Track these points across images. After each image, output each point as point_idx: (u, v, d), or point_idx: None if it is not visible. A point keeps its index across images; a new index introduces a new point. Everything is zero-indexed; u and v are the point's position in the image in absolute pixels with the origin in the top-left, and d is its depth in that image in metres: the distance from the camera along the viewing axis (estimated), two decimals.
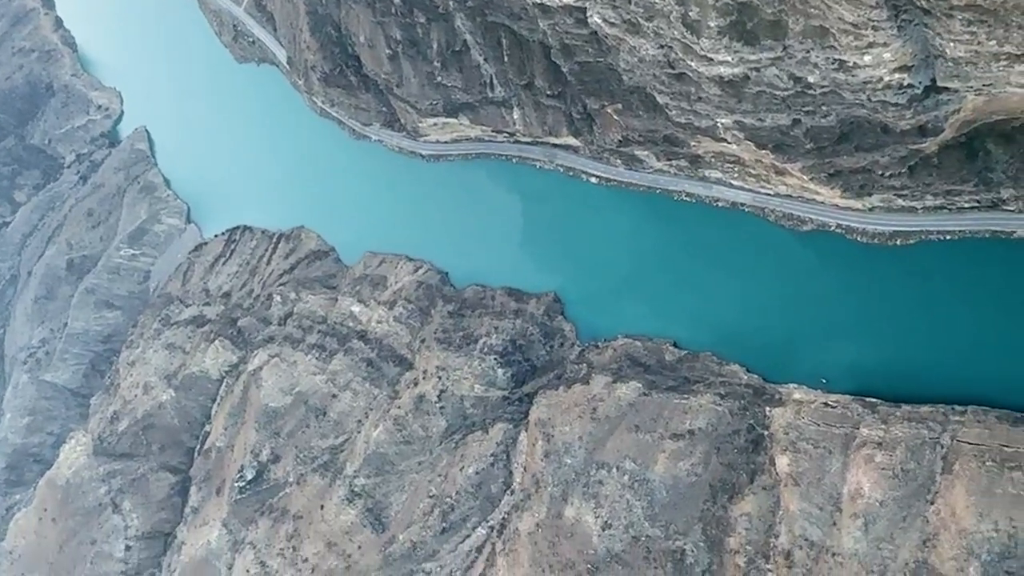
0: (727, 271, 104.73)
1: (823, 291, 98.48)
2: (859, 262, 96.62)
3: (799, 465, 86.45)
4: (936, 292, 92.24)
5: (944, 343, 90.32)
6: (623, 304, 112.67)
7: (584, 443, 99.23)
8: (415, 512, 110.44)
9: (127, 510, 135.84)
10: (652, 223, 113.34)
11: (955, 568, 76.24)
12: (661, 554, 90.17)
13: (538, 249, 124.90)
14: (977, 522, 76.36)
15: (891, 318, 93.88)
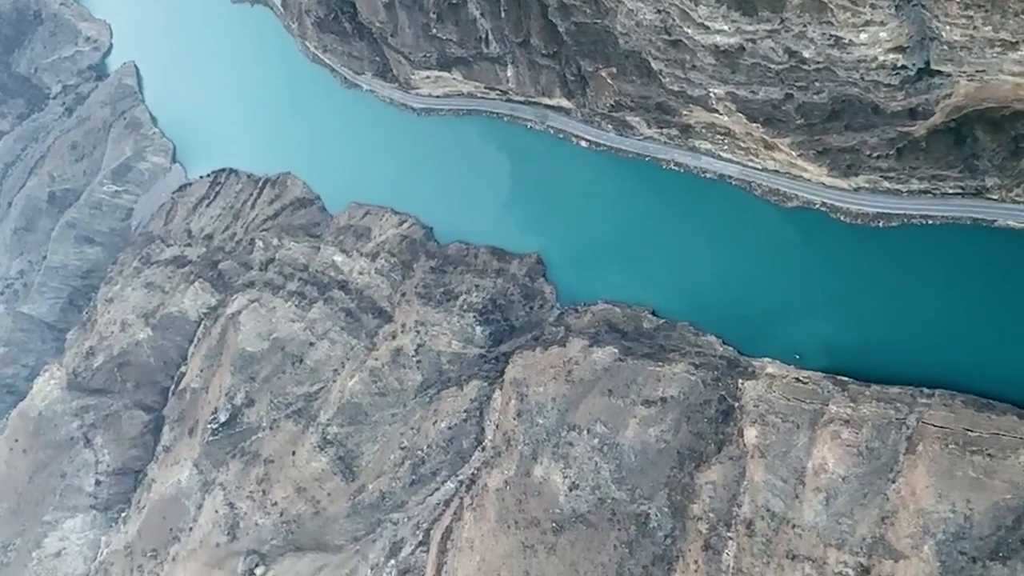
0: (710, 243, 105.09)
1: (804, 268, 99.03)
2: (841, 241, 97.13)
3: (767, 438, 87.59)
4: (914, 276, 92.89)
5: (918, 327, 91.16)
6: (605, 269, 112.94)
7: (557, 404, 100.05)
8: (386, 463, 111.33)
9: (99, 445, 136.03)
10: (639, 191, 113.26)
11: (911, 545, 77.81)
12: (626, 517, 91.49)
13: (524, 210, 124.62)
14: (935, 502, 77.86)
15: (868, 299, 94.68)
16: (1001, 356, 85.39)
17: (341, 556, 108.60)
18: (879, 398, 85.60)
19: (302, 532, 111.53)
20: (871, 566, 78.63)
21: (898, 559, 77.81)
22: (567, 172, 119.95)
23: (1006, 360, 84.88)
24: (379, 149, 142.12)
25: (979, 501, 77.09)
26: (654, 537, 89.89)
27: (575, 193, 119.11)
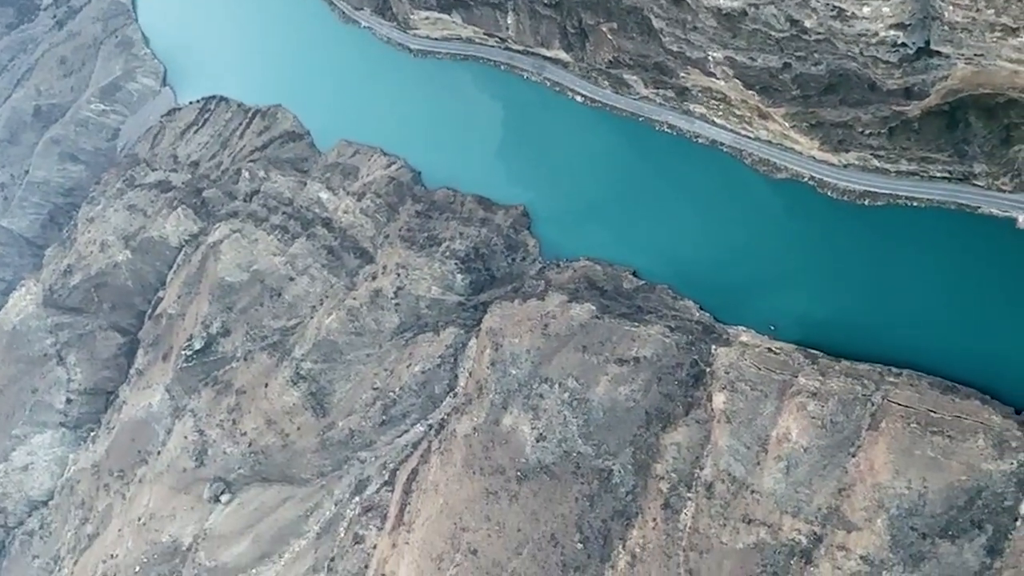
0: (696, 208, 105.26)
1: (786, 240, 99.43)
2: (826, 216, 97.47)
3: (734, 404, 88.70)
4: (894, 256, 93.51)
5: (893, 307, 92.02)
6: (589, 227, 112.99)
7: (531, 356, 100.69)
8: (357, 402, 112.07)
9: (71, 364, 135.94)
10: (630, 150, 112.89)
11: (864, 518, 79.52)
12: (589, 471, 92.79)
13: (514, 161, 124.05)
14: (892, 478, 79.44)
15: (847, 276, 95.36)
16: (971, 342, 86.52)
17: (307, 490, 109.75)
18: (848, 373, 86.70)
19: (269, 463, 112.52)
20: (824, 535, 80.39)
21: (851, 530, 79.54)
22: (560, 126, 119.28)
23: (975, 346, 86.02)
24: (373, 88, 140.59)
25: (935, 480, 78.72)
26: (616, 493, 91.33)
27: (566, 148, 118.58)
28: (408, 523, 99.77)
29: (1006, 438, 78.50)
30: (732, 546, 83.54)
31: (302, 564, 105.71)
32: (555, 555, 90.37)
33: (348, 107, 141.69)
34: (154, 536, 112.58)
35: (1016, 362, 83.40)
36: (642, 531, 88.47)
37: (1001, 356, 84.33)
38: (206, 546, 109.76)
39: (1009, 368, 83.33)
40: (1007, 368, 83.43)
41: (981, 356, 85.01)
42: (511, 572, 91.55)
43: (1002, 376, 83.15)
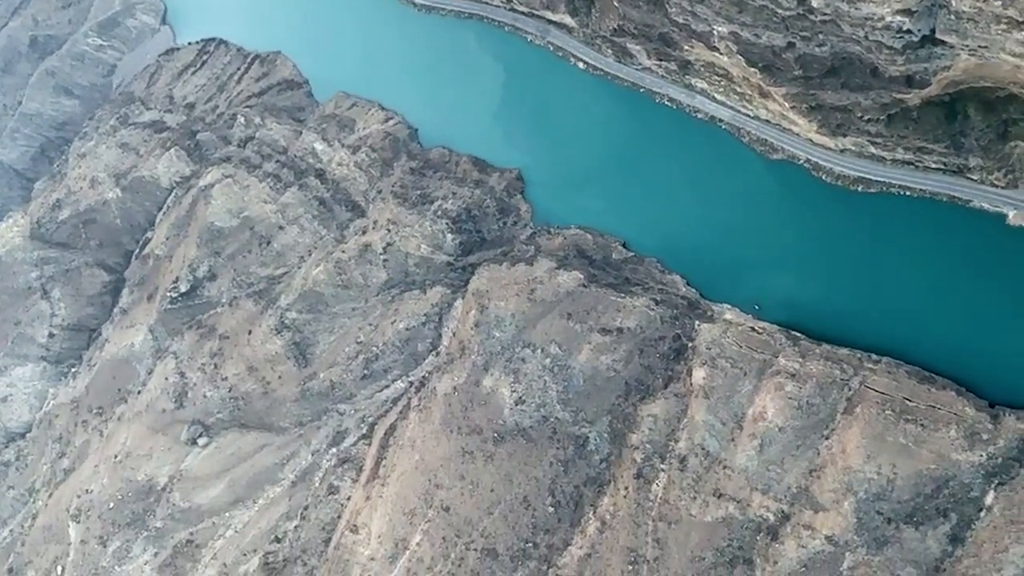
0: (690, 183, 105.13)
1: (777, 221, 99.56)
2: (818, 200, 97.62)
3: (713, 380, 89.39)
4: (883, 244, 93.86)
5: (878, 294, 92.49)
6: (583, 195, 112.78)
7: (516, 320, 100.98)
8: (340, 354, 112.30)
9: (56, 298, 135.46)
10: (629, 121, 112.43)
11: (832, 500, 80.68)
12: (566, 437, 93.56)
13: (511, 124, 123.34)
14: (863, 463, 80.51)
15: (835, 261, 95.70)
16: (951, 334, 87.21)
17: (284, 438, 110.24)
18: (828, 357, 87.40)
19: (249, 410, 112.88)
20: (791, 513, 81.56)
21: (818, 511, 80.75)
22: (560, 92, 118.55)
23: (955, 339, 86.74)
24: (374, 41, 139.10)
25: (904, 467, 79.83)
26: (590, 460, 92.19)
27: (565, 114, 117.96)
28: (383, 477, 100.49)
29: (978, 430, 79.60)
30: (701, 519, 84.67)
31: (275, 511, 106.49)
32: (526, 517, 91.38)
33: (348, 59, 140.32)
34: (130, 474, 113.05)
35: (994, 356, 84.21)
36: (613, 499, 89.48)
37: (980, 350, 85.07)
38: (181, 487, 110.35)
39: (987, 362, 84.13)
40: (985, 362, 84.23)
41: (960, 349, 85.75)
42: (482, 531, 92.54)
43: (979, 369, 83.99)
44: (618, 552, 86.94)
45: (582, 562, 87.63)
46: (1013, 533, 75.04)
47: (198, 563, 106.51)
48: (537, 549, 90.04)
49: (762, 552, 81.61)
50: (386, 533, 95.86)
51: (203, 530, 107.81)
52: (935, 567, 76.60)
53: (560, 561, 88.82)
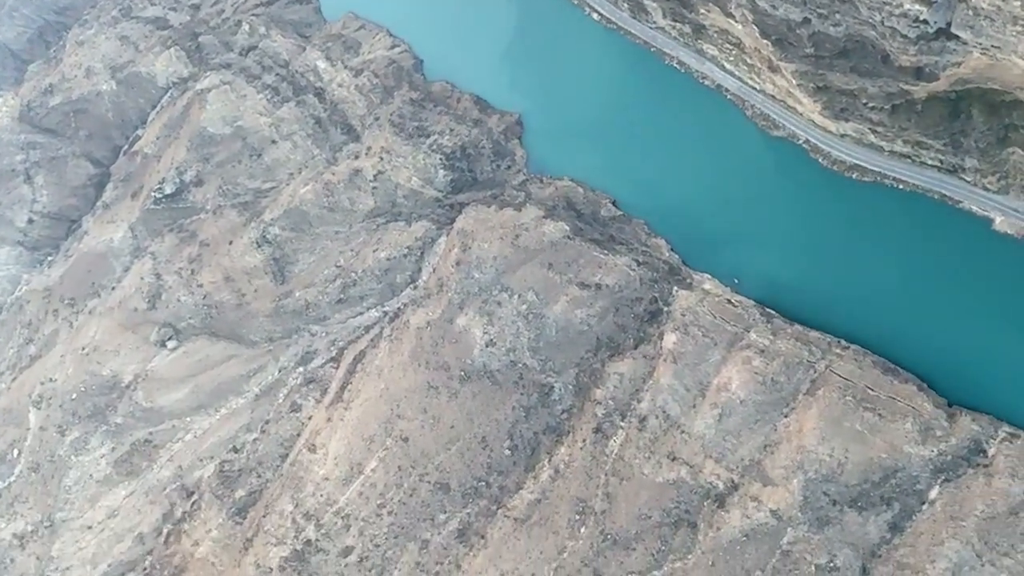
0: (688, 149, 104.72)
1: (768, 198, 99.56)
2: (812, 183, 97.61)
3: (684, 346, 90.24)
4: (868, 235, 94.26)
5: (857, 283, 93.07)
6: (580, 148, 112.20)
7: (497, 263, 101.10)
8: (318, 276, 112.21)
9: (39, 184, 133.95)
10: (635, 78, 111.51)
11: (782, 476, 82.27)
12: (531, 384, 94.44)
13: (518, 67, 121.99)
14: (817, 444, 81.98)
15: (819, 244, 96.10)
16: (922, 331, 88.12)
17: (253, 351, 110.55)
18: (798, 338, 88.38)
19: (221, 319, 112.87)
20: (741, 484, 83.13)
21: (767, 484, 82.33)
22: (571, 41, 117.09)
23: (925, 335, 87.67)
24: None
25: (856, 453, 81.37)
26: (552, 409, 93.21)
27: (573, 64, 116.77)
28: (347, 401, 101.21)
29: (933, 426, 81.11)
30: (652, 478, 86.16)
31: (236, 421, 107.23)
32: (482, 456, 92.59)
33: None
34: (95, 368, 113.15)
35: (959, 358, 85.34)
36: (570, 449, 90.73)
37: (947, 349, 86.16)
38: (145, 387, 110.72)
39: (952, 362, 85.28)
40: (950, 362, 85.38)
41: (928, 346, 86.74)
42: (437, 465, 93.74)
43: (943, 368, 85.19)
44: (568, 501, 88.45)
45: (531, 506, 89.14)
46: (951, 528, 76.97)
47: (154, 463, 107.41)
48: (489, 488, 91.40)
49: (707, 518, 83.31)
50: (343, 455, 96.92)
51: (162, 431, 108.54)
52: (872, 552, 78.58)
53: (510, 503, 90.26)
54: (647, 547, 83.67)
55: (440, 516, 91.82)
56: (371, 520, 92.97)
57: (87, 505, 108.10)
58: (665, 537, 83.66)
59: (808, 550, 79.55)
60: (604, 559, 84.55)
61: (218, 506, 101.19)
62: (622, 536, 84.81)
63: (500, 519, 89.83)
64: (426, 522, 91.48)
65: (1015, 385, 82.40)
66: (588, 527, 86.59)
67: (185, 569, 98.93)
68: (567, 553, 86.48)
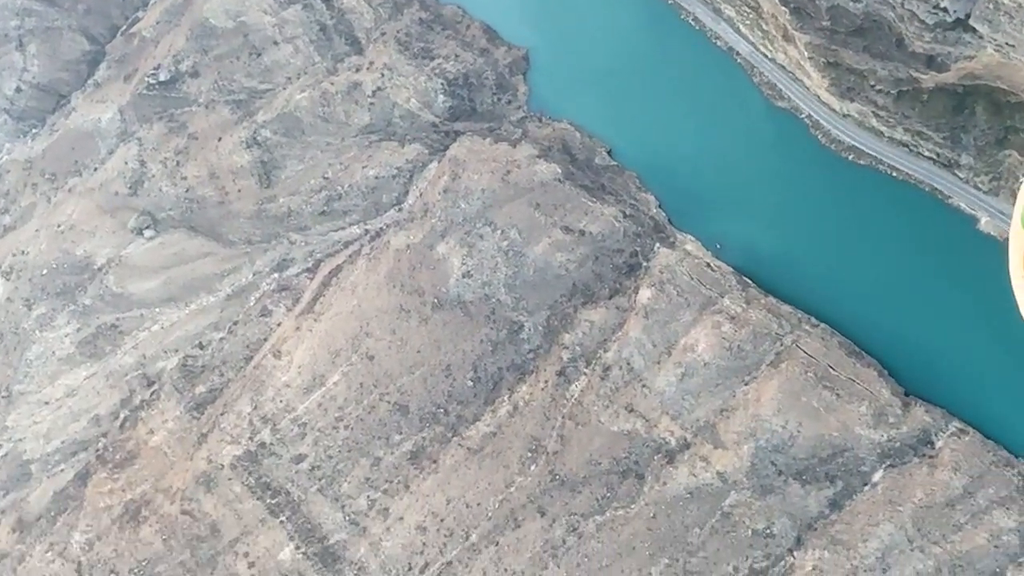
0: (690, 108, 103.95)
1: (762, 168, 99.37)
2: (808, 159, 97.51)
3: (657, 303, 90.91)
4: (854, 217, 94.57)
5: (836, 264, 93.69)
6: (583, 93, 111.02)
7: (484, 196, 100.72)
8: (304, 184, 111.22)
9: (31, 54, 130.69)
10: (648, 30, 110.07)
11: (733, 440, 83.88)
12: (502, 320, 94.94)
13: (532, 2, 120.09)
14: (772, 414, 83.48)
15: (806, 221, 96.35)
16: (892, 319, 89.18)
17: (230, 251, 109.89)
18: (770, 310, 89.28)
19: (201, 215, 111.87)
20: (692, 443, 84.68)
21: (718, 447, 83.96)
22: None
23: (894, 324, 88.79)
24: None
25: (809, 428, 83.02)
26: (519, 347, 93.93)
27: (588, 7, 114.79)
28: (317, 313, 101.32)
29: (887, 413, 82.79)
30: (608, 427, 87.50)
31: (205, 318, 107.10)
32: (444, 384, 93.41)
33: None
34: (69, 246, 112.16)
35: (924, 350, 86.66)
36: (532, 389, 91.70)
37: (913, 341, 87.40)
38: (117, 272, 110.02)
39: (915, 353, 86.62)
40: (914, 353, 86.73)
41: (896, 335, 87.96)
42: (399, 387, 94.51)
43: (906, 359, 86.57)
44: (522, 438, 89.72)
45: (486, 438, 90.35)
46: (888, 512, 79.14)
47: (118, 348, 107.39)
48: (447, 416, 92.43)
49: (655, 471, 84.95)
50: (307, 365, 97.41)
51: (130, 318, 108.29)
52: (808, 524, 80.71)
53: (466, 432, 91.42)
54: (593, 492, 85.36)
55: (395, 436, 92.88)
56: (327, 431, 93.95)
57: (46, 381, 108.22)
58: (612, 484, 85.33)
59: (748, 515, 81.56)
60: (550, 498, 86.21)
61: (177, 398, 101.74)
62: (570, 478, 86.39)
63: (454, 447, 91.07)
64: (381, 440, 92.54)
65: (972, 383, 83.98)
66: (538, 465, 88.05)
67: (137, 455, 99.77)
68: (515, 488, 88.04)
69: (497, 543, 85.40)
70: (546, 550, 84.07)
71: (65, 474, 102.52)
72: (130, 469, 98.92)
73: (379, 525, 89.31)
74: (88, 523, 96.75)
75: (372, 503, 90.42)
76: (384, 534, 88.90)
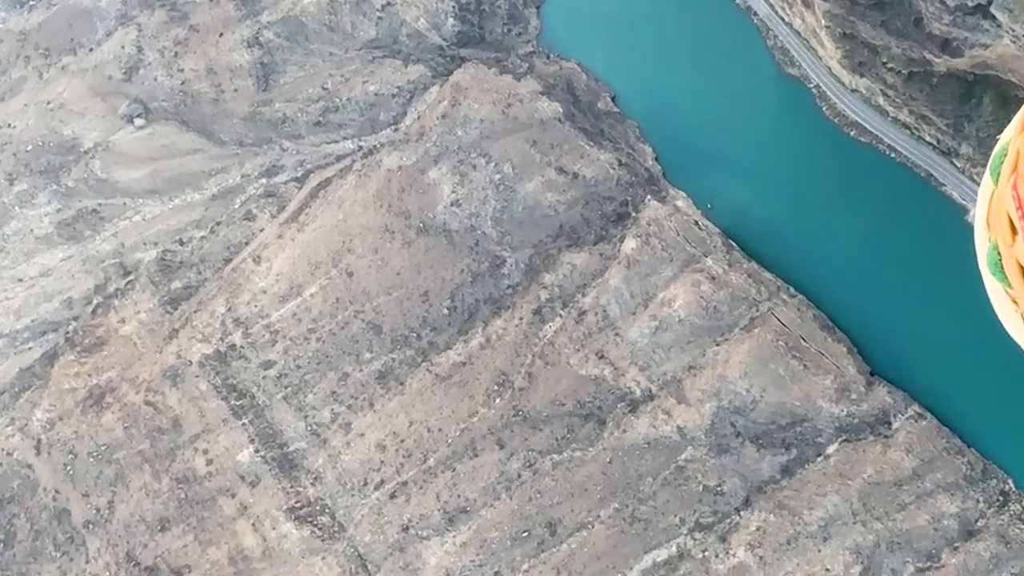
0: (699, 63, 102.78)
1: (763, 133, 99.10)
2: (810, 129, 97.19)
3: (641, 254, 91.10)
4: (847, 193, 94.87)
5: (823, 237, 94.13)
6: (594, 34, 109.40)
7: (482, 126, 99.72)
8: (302, 92, 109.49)
9: None
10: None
11: (697, 398, 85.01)
12: (485, 252, 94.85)
13: None
14: (738, 376, 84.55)
15: (799, 190, 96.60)
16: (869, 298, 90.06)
17: (220, 151, 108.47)
18: (751, 275, 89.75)
19: (195, 109, 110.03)
20: (656, 396, 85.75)
21: (681, 402, 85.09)
22: None
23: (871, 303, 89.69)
24: None
25: (772, 395, 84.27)
26: (499, 281, 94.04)
27: None
28: (301, 223, 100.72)
29: (850, 389, 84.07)
30: (576, 370, 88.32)
31: (187, 215, 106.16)
32: (420, 309, 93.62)
33: None
34: (57, 125, 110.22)
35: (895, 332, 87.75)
36: (506, 324, 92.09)
37: (886, 322, 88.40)
38: (104, 157, 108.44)
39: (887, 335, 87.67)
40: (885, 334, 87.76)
41: (870, 314, 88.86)
42: (375, 306, 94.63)
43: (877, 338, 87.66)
44: (491, 371, 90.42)
45: (455, 367, 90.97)
46: (837, 484, 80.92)
47: (97, 234, 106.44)
48: (419, 341, 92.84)
49: (616, 419, 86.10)
50: (285, 274, 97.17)
51: (112, 206, 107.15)
52: (759, 487, 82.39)
53: (435, 359, 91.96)
54: (553, 431, 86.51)
55: (366, 355, 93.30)
56: (298, 341, 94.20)
57: (22, 258, 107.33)
58: (573, 426, 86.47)
59: (701, 470, 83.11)
60: (510, 432, 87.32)
61: (152, 291, 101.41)
62: (533, 415, 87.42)
63: (422, 372, 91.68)
64: (351, 356, 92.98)
65: (936, 371, 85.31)
66: (503, 400, 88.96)
67: (107, 342, 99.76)
68: (477, 418, 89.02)
69: (454, 469, 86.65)
70: (500, 482, 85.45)
71: (33, 352, 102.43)
72: (98, 355, 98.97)
73: (340, 438, 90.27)
74: (51, 403, 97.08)
75: (335, 416, 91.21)
76: (344, 448, 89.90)
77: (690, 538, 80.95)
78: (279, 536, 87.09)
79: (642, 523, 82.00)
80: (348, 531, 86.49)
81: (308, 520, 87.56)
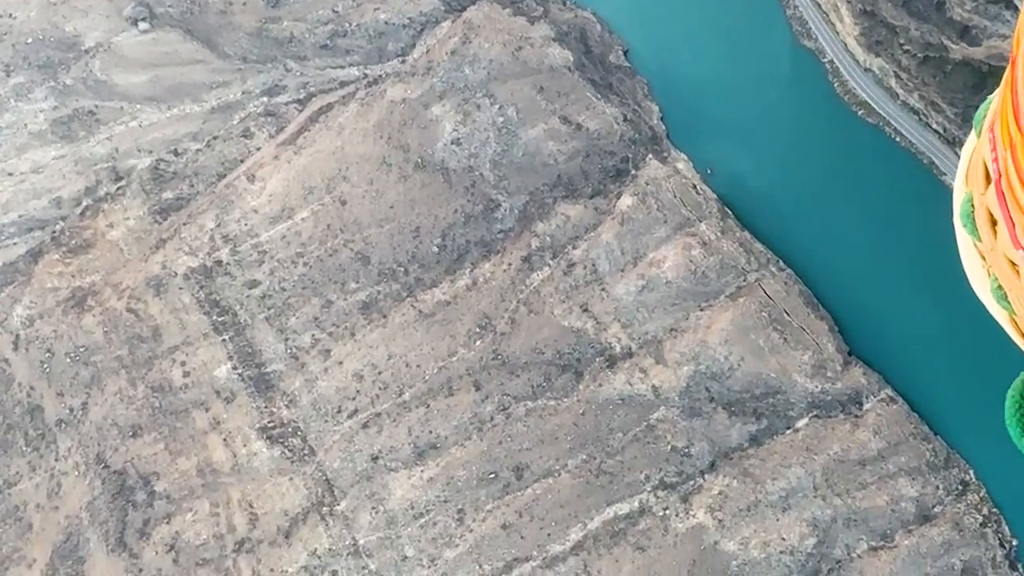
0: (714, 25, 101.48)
1: (770, 103, 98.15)
2: (817, 104, 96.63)
3: (636, 213, 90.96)
4: (850, 173, 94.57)
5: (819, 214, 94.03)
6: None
7: (490, 67, 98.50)
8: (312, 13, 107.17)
9: None
10: None
11: (675, 360, 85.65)
12: (480, 194, 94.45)
13: None
14: (718, 343, 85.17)
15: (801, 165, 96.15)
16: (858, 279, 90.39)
17: (223, 64, 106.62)
18: (743, 244, 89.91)
19: (201, 19, 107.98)
20: (635, 354, 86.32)
21: (659, 363, 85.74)
22: None
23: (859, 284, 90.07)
24: None
25: (749, 364, 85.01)
26: (491, 224, 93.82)
27: None
28: (299, 146, 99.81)
29: (827, 366, 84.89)
30: (559, 321, 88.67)
31: (184, 126, 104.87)
32: (410, 244, 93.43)
33: None
34: (59, 20, 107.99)
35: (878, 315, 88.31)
36: (494, 268, 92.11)
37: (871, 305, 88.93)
38: (104, 58, 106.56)
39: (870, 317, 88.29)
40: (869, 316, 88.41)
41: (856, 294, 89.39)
42: (365, 237, 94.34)
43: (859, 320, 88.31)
44: (474, 313, 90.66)
45: (439, 305, 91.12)
46: (803, 458, 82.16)
47: (92, 135, 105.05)
48: (406, 276, 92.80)
49: (594, 372, 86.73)
50: (278, 195, 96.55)
51: (109, 108, 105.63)
52: (726, 453, 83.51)
53: (420, 296, 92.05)
54: (530, 378, 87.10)
55: (351, 284, 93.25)
56: (285, 264, 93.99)
57: (13, 152, 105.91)
58: (550, 375, 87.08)
59: (671, 431, 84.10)
60: (488, 375, 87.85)
61: (143, 199, 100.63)
62: (511, 361, 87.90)
63: (406, 307, 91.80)
64: (336, 284, 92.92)
65: (914, 358, 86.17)
66: (484, 342, 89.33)
67: (93, 245, 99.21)
68: (456, 358, 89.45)
69: (428, 406, 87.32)
70: (473, 422, 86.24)
71: (17, 248, 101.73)
72: (83, 257, 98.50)
73: (318, 364, 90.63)
74: (32, 300, 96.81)
75: (315, 342, 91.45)
76: (321, 374, 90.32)
77: (653, 495, 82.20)
78: (249, 453, 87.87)
79: (608, 476, 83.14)
80: (318, 455, 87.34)
81: (279, 440, 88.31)
